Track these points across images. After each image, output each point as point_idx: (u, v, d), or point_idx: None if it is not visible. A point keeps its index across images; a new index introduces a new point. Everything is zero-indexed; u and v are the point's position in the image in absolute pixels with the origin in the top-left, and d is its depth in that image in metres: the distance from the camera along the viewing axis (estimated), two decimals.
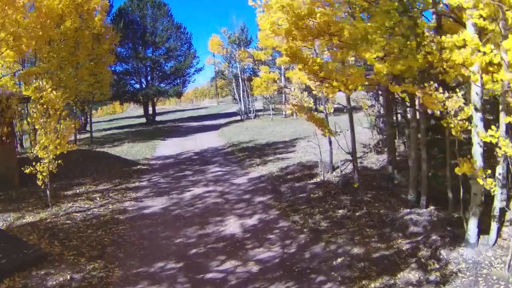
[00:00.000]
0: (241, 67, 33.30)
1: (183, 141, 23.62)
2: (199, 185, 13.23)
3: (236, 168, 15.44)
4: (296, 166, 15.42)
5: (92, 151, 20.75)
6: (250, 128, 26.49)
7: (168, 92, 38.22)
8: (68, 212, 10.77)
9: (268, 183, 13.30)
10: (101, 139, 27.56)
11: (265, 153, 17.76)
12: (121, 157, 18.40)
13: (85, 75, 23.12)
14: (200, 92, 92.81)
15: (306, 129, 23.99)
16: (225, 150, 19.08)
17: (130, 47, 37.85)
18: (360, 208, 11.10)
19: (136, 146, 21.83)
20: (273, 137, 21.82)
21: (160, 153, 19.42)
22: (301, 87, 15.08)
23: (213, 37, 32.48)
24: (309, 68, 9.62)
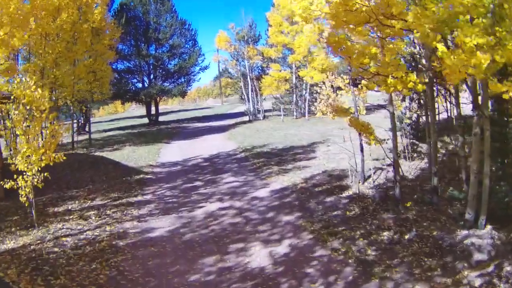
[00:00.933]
0: (250, 65, 31.36)
1: (189, 144, 21.68)
2: (212, 199, 11.30)
3: (253, 178, 13.49)
4: (322, 175, 13.49)
5: (89, 156, 18.87)
6: (261, 130, 24.55)
7: (172, 91, 36.26)
8: (56, 235, 8.86)
9: (294, 198, 11.37)
10: (101, 141, 25.68)
11: (283, 159, 15.83)
12: (121, 163, 16.50)
13: (83, 72, 21.24)
14: (203, 92, 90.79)
15: (323, 132, 22.12)
16: (238, 156, 17.12)
17: (132, 44, 35.94)
18: (408, 229, 9.26)
19: (138, 150, 19.91)
20: (289, 140, 19.89)
21: (165, 158, 17.49)
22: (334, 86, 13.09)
23: (220, 33, 30.58)
24: (356, 61, 7.68)
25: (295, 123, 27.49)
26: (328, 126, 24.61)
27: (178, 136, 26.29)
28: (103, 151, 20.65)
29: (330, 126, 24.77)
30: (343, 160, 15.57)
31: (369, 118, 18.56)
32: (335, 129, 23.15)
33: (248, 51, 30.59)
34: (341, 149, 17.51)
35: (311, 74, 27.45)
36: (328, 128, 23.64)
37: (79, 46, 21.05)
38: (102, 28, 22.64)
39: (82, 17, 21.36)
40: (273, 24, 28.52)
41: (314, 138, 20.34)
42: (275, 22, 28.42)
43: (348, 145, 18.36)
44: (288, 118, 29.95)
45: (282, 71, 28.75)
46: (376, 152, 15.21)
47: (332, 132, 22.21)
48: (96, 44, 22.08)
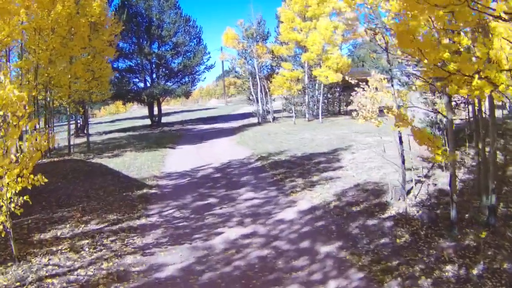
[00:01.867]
0: (259, 64, 29.42)
1: (197, 149, 19.77)
2: (231, 222, 9.38)
3: (275, 193, 11.57)
4: (355, 190, 11.60)
5: (86, 163, 16.98)
6: (273, 134, 22.64)
7: (176, 91, 34.32)
8: (40, 275, 6.98)
9: (329, 220, 9.47)
10: (100, 145, 23.79)
11: (306, 169, 13.93)
12: (121, 173, 14.59)
13: (80, 70, 19.35)
14: (205, 92, 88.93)
15: (341, 136, 20.26)
16: (253, 165, 15.18)
17: (133, 41, 34.04)
18: (474, 261, 7.62)
19: (141, 156, 18.00)
20: (307, 146, 17.99)
21: (171, 167, 15.56)
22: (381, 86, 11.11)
23: (228, 30, 28.59)
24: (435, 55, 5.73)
25: (308, 126, 25.59)
26: (344, 130, 22.76)
27: (183, 140, 24.38)
28: (102, 157, 18.76)
29: (346, 129, 22.93)
30: (373, 171, 13.74)
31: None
32: (352, 133, 21.34)
33: (257, 49, 28.66)
34: (368, 157, 15.66)
35: (326, 73, 25.60)
36: (345, 132, 21.78)
37: (76, 42, 19.18)
38: (101, 22, 20.74)
39: (80, 10, 19.48)
40: (285, 20, 26.64)
41: (334, 143, 18.45)
42: (287, 18, 26.54)
43: (375, 152, 16.50)
44: (299, 120, 28.05)
45: (294, 70, 26.81)
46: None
47: (351, 136, 20.35)
48: (94, 40, 20.18)
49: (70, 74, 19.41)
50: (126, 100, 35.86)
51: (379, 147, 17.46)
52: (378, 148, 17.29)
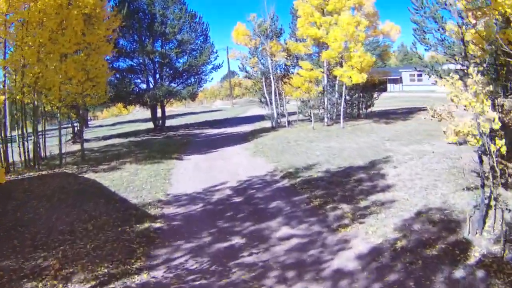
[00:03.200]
0: (273, 63, 26.69)
1: (207, 161, 17.02)
2: (269, 279, 6.63)
3: (318, 227, 8.80)
4: (420, 222, 8.88)
5: (78, 179, 14.36)
6: (293, 142, 19.91)
7: (181, 93, 31.55)
8: None
9: (401, 271, 6.75)
10: (97, 154, 21.19)
11: (347, 190, 11.20)
12: (118, 195, 11.90)
13: (72, 70, 16.70)
14: (210, 93, 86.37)
15: (372, 145, 17.56)
16: (280, 184, 12.34)
17: (135, 39, 31.38)
18: None
19: (142, 170, 15.30)
20: (338, 158, 15.28)
21: (179, 187, 12.77)
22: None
23: (238, 26, 25.81)
24: None
25: (330, 131, 22.85)
26: (372, 136, 20.09)
27: (190, 148, 21.65)
28: (97, 170, 16.11)
29: (374, 136, 20.27)
30: (428, 192, 11.06)
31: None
32: (383, 140, 18.71)
33: (271, 47, 25.92)
34: (415, 173, 12.95)
35: (349, 73, 22.87)
36: (374, 140, 19.10)
37: (67, 36, 16.55)
38: (97, 15, 18.08)
39: (72, 0, 16.87)
40: (303, 14, 23.89)
41: (368, 154, 15.75)
42: (304, 12, 23.79)
43: (421, 167, 13.80)
44: (318, 125, 25.32)
45: (313, 70, 24.06)
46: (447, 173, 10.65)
47: (384, 145, 17.67)
48: (89, 35, 17.54)
49: (60, 74, 16.77)
50: (128, 102, 33.10)
51: (421, 159, 14.83)
52: (420, 160, 14.66)
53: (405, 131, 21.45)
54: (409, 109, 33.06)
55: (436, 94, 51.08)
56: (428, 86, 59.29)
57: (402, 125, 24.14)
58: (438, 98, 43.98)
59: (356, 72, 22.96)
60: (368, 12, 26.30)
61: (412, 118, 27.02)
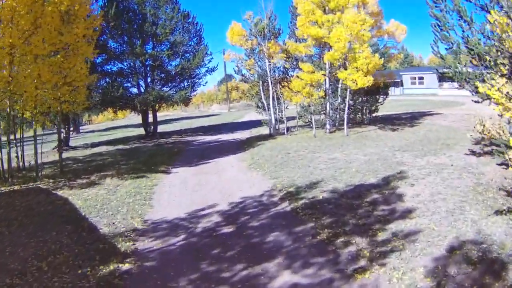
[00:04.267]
0: (271, 65, 24.84)
1: (198, 175, 15.11)
2: None
3: (328, 272, 6.91)
4: (455, 263, 7.10)
5: (49, 198, 12.57)
6: (294, 152, 18.07)
7: (173, 97, 29.59)
8: None
9: None
10: (79, 165, 19.35)
11: (360, 216, 9.35)
12: (88, 221, 10.05)
13: (46, 73, 14.84)
14: (207, 97, 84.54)
15: (382, 156, 15.74)
16: (280, 208, 10.40)
17: (125, 41, 29.48)
18: None
19: (122, 187, 13.43)
20: (345, 173, 13.45)
21: (160, 210, 10.82)
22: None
23: (234, 25, 23.91)
24: None
25: (333, 140, 21.01)
26: (380, 146, 18.28)
27: (180, 159, 19.77)
28: (74, 185, 14.29)
29: (382, 145, 18.48)
30: (456, 217, 9.30)
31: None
32: (393, 151, 16.93)
33: (269, 48, 24.08)
34: (436, 192, 11.11)
35: (353, 76, 21.08)
36: (383, 150, 17.31)
37: (40, 36, 14.70)
38: (76, 13, 16.21)
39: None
40: (303, 12, 22.08)
41: (379, 168, 13.93)
42: (305, 9, 21.99)
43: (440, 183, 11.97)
44: (319, 132, 23.50)
45: (314, 72, 22.22)
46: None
47: (395, 156, 15.88)
48: (66, 35, 15.67)
49: (33, 78, 14.92)
50: (118, 107, 31.19)
51: (440, 174, 13.05)
52: (439, 175, 12.87)
53: (416, 139, 19.65)
54: (413, 113, 31.34)
55: (437, 97, 49.53)
56: (429, 89, 57.70)
57: (410, 132, 22.35)
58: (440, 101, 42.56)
59: (362, 75, 21.19)
60: (372, 11, 24.58)
61: (419, 124, 25.24)
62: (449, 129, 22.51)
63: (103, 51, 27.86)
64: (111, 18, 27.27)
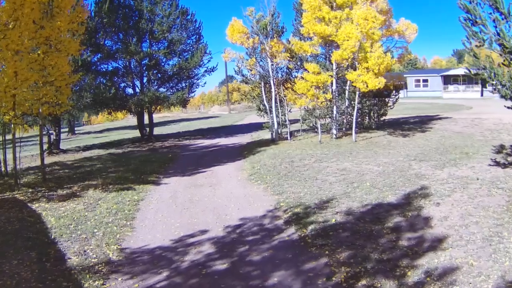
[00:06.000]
0: (274, 66, 23.20)
1: (190, 188, 13.40)
2: None
3: None
4: None
5: (20, 213, 11.07)
6: (299, 161, 16.46)
7: (169, 99, 27.87)
8: None
9: None
10: (65, 171, 17.86)
11: (382, 245, 7.73)
12: (57, 246, 8.40)
13: (24, 70, 13.23)
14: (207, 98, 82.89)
15: (399, 167, 14.13)
16: (285, 236, 8.50)
17: (120, 38, 27.89)
18: None
19: (105, 202, 11.79)
20: (358, 188, 11.83)
21: (142, 234, 9.00)
22: None
23: (234, 22, 22.22)
24: None
25: (341, 147, 19.38)
26: (394, 155, 16.70)
27: (174, 166, 18.14)
28: (52, 197, 12.72)
29: (395, 153, 16.91)
30: (495, 248, 7.67)
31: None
32: (409, 160, 15.39)
33: (271, 46, 22.44)
34: (466, 213, 9.48)
35: (364, 78, 19.45)
36: (398, 159, 15.73)
37: (17, 29, 13.09)
38: (59, 4, 14.59)
39: None
40: (309, 8, 20.45)
41: (397, 182, 12.32)
42: (311, 5, 20.36)
43: (469, 202, 10.35)
44: (325, 137, 21.87)
45: (320, 73, 20.56)
46: None
47: (412, 167, 14.33)
48: (48, 29, 14.05)
49: (9, 76, 13.30)
50: (112, 108, 29.52)
51: (466, 190, 11.46)
52: (466, 191, 11.28)
53: (431, 147, 18.05)
54: (421, 117, 29.82)
55: (442, 100, 48.03)
56: (434, 92, 56.18)
57: (422, 138, 20.76)
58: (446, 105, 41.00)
59: (373, 76, 19.56)
60: (381, 8, 22.92)
61: (430, 130, 23.66)
62: (463, 135, 20.95)
63: (97, 49, 26.28)
64: (105, 14, 25.71)
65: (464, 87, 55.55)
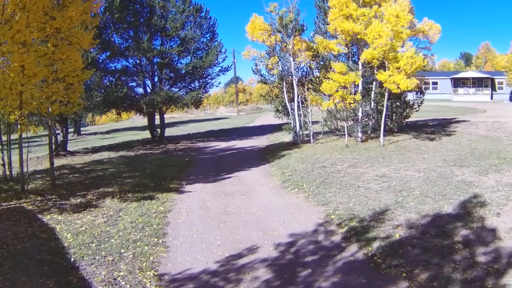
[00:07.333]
0: (297, 65, 21.85)
1: (220, 197, 12.02)
2: None
3: None
4: None
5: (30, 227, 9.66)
6: (330, 166, 15.15)
7: (183, 99, 26.55)
8: None
9: None
10: (76, 176, 16.57)
11: (458, 263, 6.69)
12: (79, 272, 7.06)
13: (32, 65, 11.90)
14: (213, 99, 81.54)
15: (442, 174, 12.89)
16: (348, 254, 7.07)
17: (130, 35, 26.57)
18: None
19: (126, 214, 10.41)
20: (410, 197, 10.58)
21: (179, 258, 7.48)
22: None
23: (255, 19, 20.81)
24: None
25: (370, 151, 18.04)
26: (429, 159, 15.59)
27: (194, 171, 16.80)
28: (65, 207, 11.36)
29: (429, 158, 15.72)
30: None
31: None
32: (448, 166, 14.11)
33: (294, 44, 21.10)
34: None
35: (395, 78, 18.12)
36: (437, 165, 14.56)
37: (24, 18, 11.76)
38: None
39: None
40: (336, 4, 19.13)
41: (447, 190, 11.10)
42: (338, 1, 19.03)
43: None
44: (350, 141, 20.52)
45: (349, 73, 19.23)
46: None
47: (454, 173, 13.34)
48: (59, 19, 12.71)
49: (16, 70, 11.96)
50: (122, 109, 28.19)
51: None
52: None
53: (465, 152, 16.87)
54: (439, 120, 28.63)
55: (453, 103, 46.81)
56: (443, 94, 54.96)
57: (451, 142, 19.56)
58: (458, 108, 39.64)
59: (404, 76, 18.24)
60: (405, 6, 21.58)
61: (454, 133, 22.43)
62: (492, 139, 19.82)
63: (106, 47, 24.97)
64: (116, 9, 24.41)
65: (474, 90, 54.62)
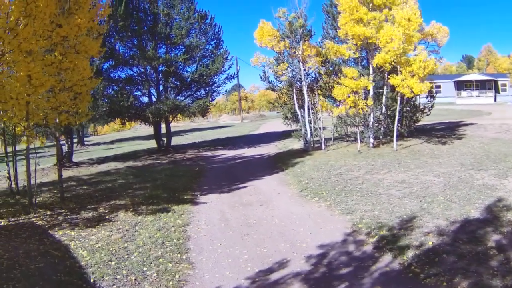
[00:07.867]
0: (306, 71, 21.46)
1: (238, 207, 11.52)
2: None
3: None
4: None
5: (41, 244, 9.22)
6: (346, 173, 14.72)
7: (190, 107, 26.16)
8: None
9: None
10: (84, 188, 16.12)
11: (496, 269, 6.44)
12: None
13: (39, 74, 11.50)
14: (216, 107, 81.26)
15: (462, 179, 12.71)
16: (383, 265, 6.63)
17: (134, 43, 26.24)
18: None
19: (143, 228, 9.94)
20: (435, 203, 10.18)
21: (207, 275, 6.84)
22: None
23: (263, 25, 20.39)
24: None
25: (384, 157, 17.60)
26: (445, 164, 15.41)
27: (206, 180, 16.36)
28: (76, 221, 10.90)
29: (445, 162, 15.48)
30: None
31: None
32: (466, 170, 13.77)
33: (303, 50, 20.72)
34: None
35: (408, 82, 17.74)
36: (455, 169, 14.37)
37: (30, 26, 11.37)
38: (79, 2, 12.88)
39: None
40: (347, 8, 18.78)
41: (470, 194, 10.79)
42: (348, 5, 18.69)
43: None
44: (362, 147, 20.08)
45: (361, 78, 18.84)
46: None
47: (475, 177, 12.99)
48: (65, 27, 12.33)
49: (22, 80, 11.56)
50: (127, 118, 27.77)
51: None
52: None
53: (480, 155, 16.58)
54: (446, 124, 28.38)
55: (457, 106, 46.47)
56: (446, 98, 54.69)
57: (463, 145, 19.22)
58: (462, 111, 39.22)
59: (417, 80, 17.87)
60: None
61: (464, 136, 22.10)
62: (504, 142, 19.67)
63: (110, 55, 24.62)
64: (120, 17, 24.08)
65: (477, 93, 54.44)
